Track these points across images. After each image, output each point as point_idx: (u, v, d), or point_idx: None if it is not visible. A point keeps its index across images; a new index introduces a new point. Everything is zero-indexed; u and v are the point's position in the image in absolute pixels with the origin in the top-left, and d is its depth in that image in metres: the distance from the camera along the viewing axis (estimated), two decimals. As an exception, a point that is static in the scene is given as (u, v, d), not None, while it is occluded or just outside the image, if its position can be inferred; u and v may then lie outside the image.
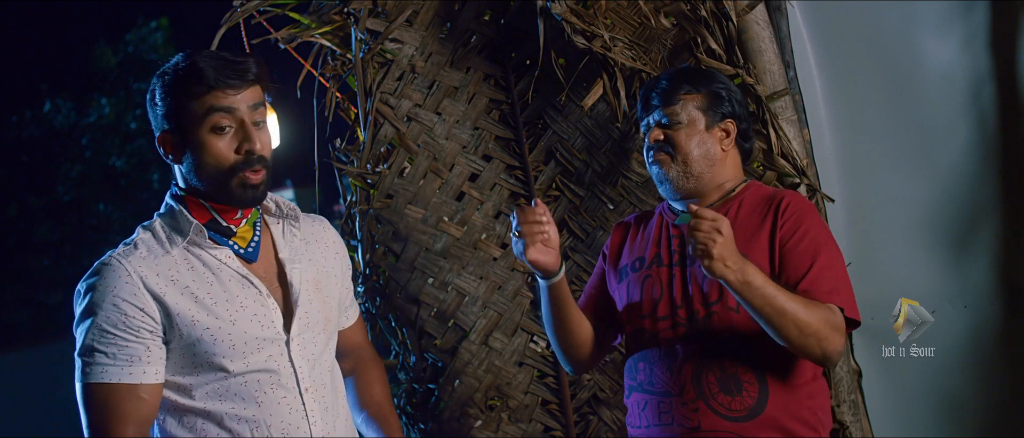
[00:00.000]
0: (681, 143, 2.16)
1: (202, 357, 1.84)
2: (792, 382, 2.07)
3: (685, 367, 2.08)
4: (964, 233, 2.64)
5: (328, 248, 2.08)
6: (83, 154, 17.30)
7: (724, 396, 2.05)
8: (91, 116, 17.35)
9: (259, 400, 1.87)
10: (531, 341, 3.03)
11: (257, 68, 1.84)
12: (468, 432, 3.03)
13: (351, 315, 2.20)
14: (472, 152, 3.02)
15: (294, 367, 1.90)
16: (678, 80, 2.19)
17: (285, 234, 2.00)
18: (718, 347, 2.07)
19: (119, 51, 17.66)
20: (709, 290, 2.09)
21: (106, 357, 1.80)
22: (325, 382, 1.97)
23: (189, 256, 1.87)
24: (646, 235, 2.27)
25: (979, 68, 2.60)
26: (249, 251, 1.92)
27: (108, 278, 1.82)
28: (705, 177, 2.17)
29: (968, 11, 2.60)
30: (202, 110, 1.80)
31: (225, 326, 1.84)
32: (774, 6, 2.71)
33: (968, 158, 2.62)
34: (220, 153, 1.82)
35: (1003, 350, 2.62)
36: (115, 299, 1.80)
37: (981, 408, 2.66)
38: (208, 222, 1.89)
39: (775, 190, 2.20)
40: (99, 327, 1.80)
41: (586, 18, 2.76)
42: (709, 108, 2.17)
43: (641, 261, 2.24)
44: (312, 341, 1.95)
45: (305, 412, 1.90)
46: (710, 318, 2.09)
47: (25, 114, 17.35)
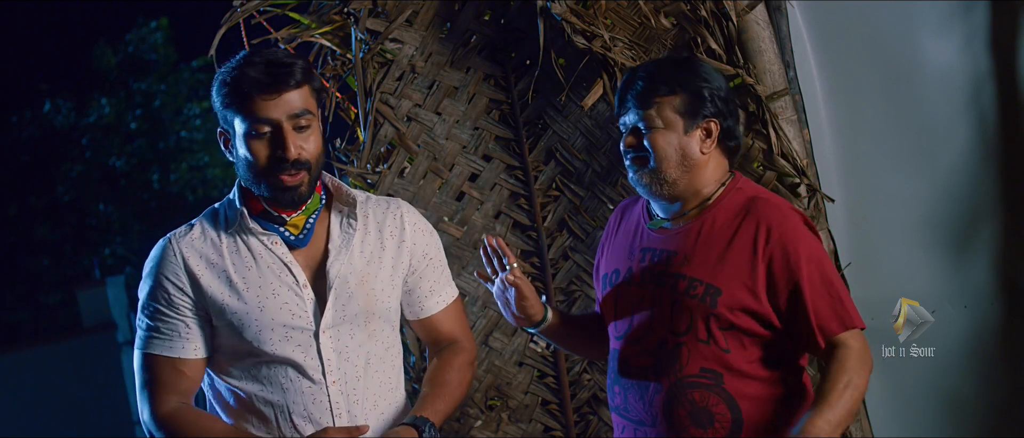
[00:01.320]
0: (657, 147, 2.04)
1: (231, 338, 1.93)
2: (766, 407, 2.00)
3: (656, 399, 2.02)
4: (964, 233, 2.65)
5: (392, 235, 2.06)
6: (83, 154, 17.32)
7: (696, 429, 1.99)
8: (91, 116, 17.37)
9: (284, 386, 1.93)
10: (531, 341, 3.03)
11: (302, 74, 1.89)
12: (468, 432, 3.03)
13: (430, 305, 2.13)
14: (472, 152, 3.02)
15: (321, 358, 1.94)
16: (655, 80, 2.05)
17: (342, 223, 2.02)
18: (687, 379, 2.00)
19: (119, 51, 17.69)
20: (677, 319, 2.02)
21: (153, 330, 1.94)
22: (358, 374, 1.98)
23: (237, 241, 1.96)
24: (625, 237, 2.19)
25: (979, 68, 2.60)
26: (299, 237, 1.97)
27: (159, 256, 1.96)
28: (681, 183, 2.05)
29: (968, 11, 2.60)
30: (244, 116, 1.88)
31: (252, 311, 1.91)
32: (774, 6, 2.71)
33: (968, 158, 2.63)
34: (257, 157, 1.89)
35: (1003, 350, 2.62)
36: (161, 277, 1.94)
37: (981, 408, 2.66)
38: (261, 212, 1.96)
39: (752, 199, 2.05)
40: (148, 301, 1.95)
41: (586, 18, 2.76)
42: (688, 109, 2.03)
43: (616, 274, 2.16)
44: (348, 334, 1.97)
45: (330, 404, 1.94)
46: (679, 348, 2.01)
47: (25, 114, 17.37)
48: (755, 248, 1.98)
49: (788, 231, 1.98)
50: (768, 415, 2.00)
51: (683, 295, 2.01)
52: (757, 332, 2.00)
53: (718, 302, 1.98)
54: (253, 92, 1.85)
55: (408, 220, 2.11)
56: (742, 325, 1.99)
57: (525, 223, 3.00)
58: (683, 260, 2.04)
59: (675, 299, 2.02)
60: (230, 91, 1.88)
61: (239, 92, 1.87)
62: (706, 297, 1.99)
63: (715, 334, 1.99)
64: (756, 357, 2.01)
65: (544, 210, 2.98)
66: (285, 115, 1.87)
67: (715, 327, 1.99)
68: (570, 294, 2.97)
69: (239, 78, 1.87)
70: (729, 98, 2.09)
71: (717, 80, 2.08)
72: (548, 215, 2.97)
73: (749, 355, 2.00)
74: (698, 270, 2.01)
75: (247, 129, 1.88)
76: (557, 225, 2.97)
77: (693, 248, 2.04)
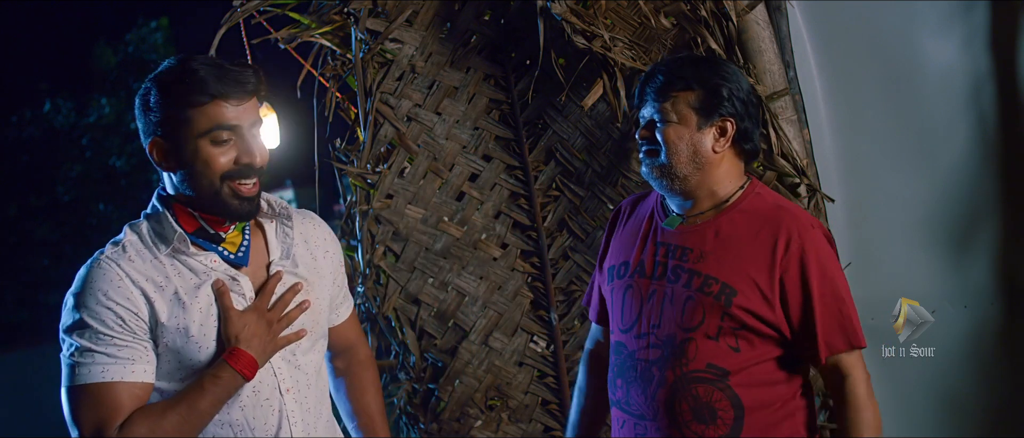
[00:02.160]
0: (668, 141, 2.04)
1: (186, 361, 1.82)
2: (769, 407, 2.01)
3: (659, 392, 2.03)
4: (964, 233, 2.65)
5: (318, 246, 2.05)
6: (83, 154, 17.30)
7: (697, 425, 2.00)
8: (91, 116, 17.36)
9: (242, 404, 1.86)
10: (531, 341, 3.03)
11: (256, 79, 1.81)
12: (468, 432, 3.03)
13: (342, 312, 2.16)
14: (472, 152, 3.02)
15: (274, 369, 1.90)
16: (674, 75, 2.05)
17: (278, 234, 1.97)
18: (693, 374, 2.01)
19: (119, 51, 17.67)
20: (689, 315, 2.02)
21: (106, 357, 1.76)
22: (309, 383, 1.96)
23: (176, 262, 1.84)
24: (636, 229, 2.19)
25: (979, 68, 2.60)
26: (239, 256, 1.89)
27: (101, 280, 1.79)
28: (693, 179, 2.05)
29: (968, 11, 2.60)
30: (203, 121, 1.76)
31: (208, 331, 1.82)
32: (774, 6, 2.71)
33: (968, 158, 2.63)
34: (217, 164, 1.79)
35: (1003, 350, 2.62)
36: (110, 301, 1.78)
37: (981, 408, 2.66)
38: (196, 230, 1.86)
39: (776, 207, 2.06)
40: (94, 329, 1.77)
41: (586, 18, 2.76)
42: (704, 105, 2.03)
43: (625, 266, 2.16)
44: (296, 345, 1.94)
45: (285, 413, 1.90)
46: (687, 343, 2.02)
47: (25, 114, 17.36)
48: (773, 257, 1.99)
49: (808, 244, 1.99)
50: (770, 417, 2.01)
51: (698, 291, 2.02)
52: (767, 335, 2.00)
53: (733, 302, 1.99)
54: (219, 95, 1.75)
55: (325, 230, 2.09)
56: (753, 327, 1.99)
57: (525, 223, 3.00)
58: (699, 256, 2.04)
59: (689, 294, 2.03)
60: (189, 92, 1.75)
61: (202, 94, 1.75)
62: (722, 295, 2.00)
63: (726, 332, 2.00)
64: (764, 358, 2.01)
65: (544, 210, 2.98)
66: (247, 122, 1.80)
67: (727, 325, 2.00)
68: (570, 294, 2.97)
69: (196, 79, 1.75)
70: (749, 101, 2.08)
71: (738, 81, 2.08)
72: (548, 215, 2.97)
73: (757, 356, 2.01)
74: (714, 268, 2.02)
75: (206, 134, 1.77)
76: (557, 225, 2.97)
77: (710, 246, 2.04)
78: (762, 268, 1.99)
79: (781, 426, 2.01)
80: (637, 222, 2.21)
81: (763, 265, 1.99)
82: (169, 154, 1.81)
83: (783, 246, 1.99)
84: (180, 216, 1.85)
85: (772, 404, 2.01)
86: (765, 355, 2.01)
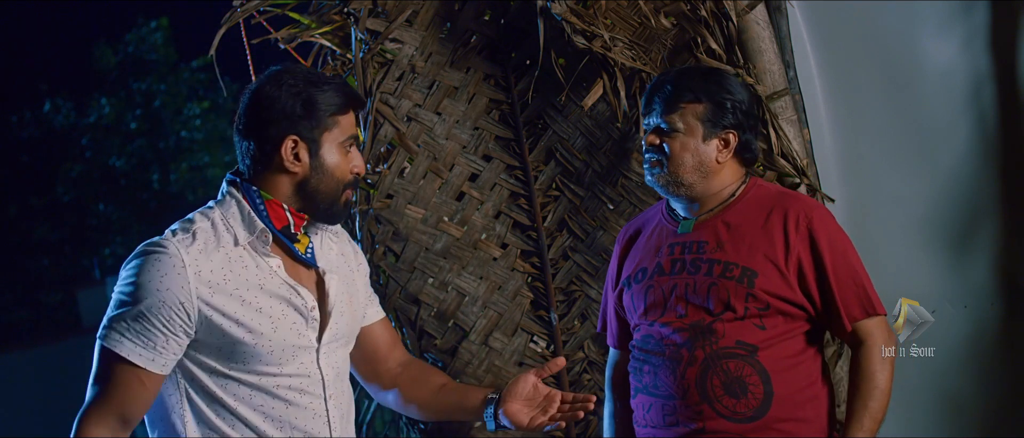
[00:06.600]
0: (674, 151, 2.17)
1: (240, 357, 1.88)
2: (796, 386, 2.10)
3: (689, 371, 2.10)
4: (964, 233, 2.65)
5: (350, 258, 2.14)
6: (83, 154, 17.30)
7: (729, 399, 2.07)
8: (91, 116, 17.35)
9: (290, 401, 1.92)
10: (531, 341, 3.03)
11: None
12: (468, 432, 3.03)
13: (373, 311, 2.24)
14: (472, 152, 3.02)
15: (322, 375, 1.97)
16: (682, 87, 2.18)
17: (323, 245, 2.04)
18: (722, 351, 2.09)
19: (119, 51, 17.66)
20: (714, 301, 2.11)
21: (131, 334, 1.82)
22: (344, 389, 2.05)
23: (244, 256, 1.89)
24: (648, 244, 2.28)
25: (979, 68, 2.60)
26: (308, 256, 1.97)
27: (161, 264, 1.82)
28: (697, 186, 2.18)
29: (968, 11, 2.61)
30: (345, 128, 1.94)
31: (267, 332, 1.88)
32: (774, 6, 2.71)
33: (968, 158, 2.63)
34: (346, 170, 1.94)
35: (1003, 350, 2.62)
36: (162, 290, 1.81)
37: (981, 408, 2.67)
38: (282, 228, 1.93)
39: (779, 193, 2.21)
40: (138, 309, 1.82)
41: (586, 18, 2.76)
42: (709, 118, 2.16)
43: (644, 272, 2.24)
44: (337, 350, 2.02)
45: (327, 418, 1.97)
46: (714, 324, 2.11)
47: (25, 114, 17.35)
48: (787, 237, 2.11)
49: (816, 222, 2.12)
50: (796, 393, 2.09)
51: (720, 277, 2.12)
52: (790, 313, 2.10)
53: (756, 283, 2.09)
54: (355, 107, 1.96)
55: (353, 243, 2.20)
56: (777, 306, 2.09)
57: (525, 223, 3.00)
58: (716, 246, 2.15)
59: (712, 281, 2.12)
60: (341, 101, 1.92)
61: (348, 104, 1.93)
62: (744, 278, 2.10)
63: (752, 313, 2.09)
64: (789, 334, 2.11)
65: (544, 210, 2.98)
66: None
67: (753, 306, 2.09)
68: (570, 294, 2.97)
69: (346, 92, 1.93)
70: (751, 112, 2.22)
71: (741, 94, 2.21)
72: (548, 215, 2.98)
73: (783, 332, 2.10)
74: (733, 255, 2.13)
75: (344, 141, 1.93)
76: (557, 225, 2.97)
77: (724, 236, 2.16)
78: (777, 249, 2.10)
79: (806, 407, 2.10)
80: (645, 236, 2.31)
81: (778, 246, 2.11)
82: (292, 153, 1.90)
83: (793, 226, 2.11)
84: (271, 211, 1.92)
85: (799, 384, 2.10)
86: (790, 332, 2.11)
